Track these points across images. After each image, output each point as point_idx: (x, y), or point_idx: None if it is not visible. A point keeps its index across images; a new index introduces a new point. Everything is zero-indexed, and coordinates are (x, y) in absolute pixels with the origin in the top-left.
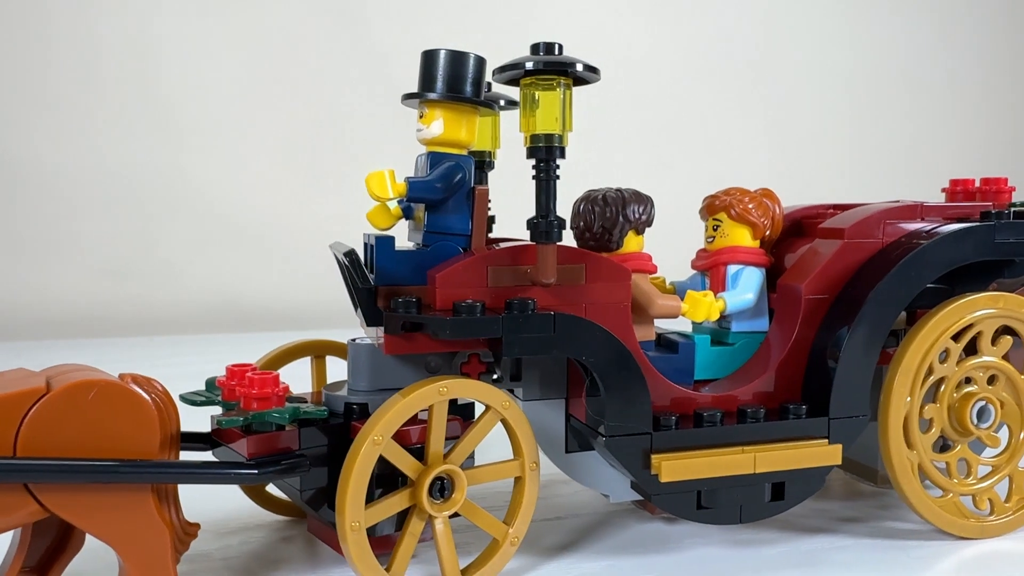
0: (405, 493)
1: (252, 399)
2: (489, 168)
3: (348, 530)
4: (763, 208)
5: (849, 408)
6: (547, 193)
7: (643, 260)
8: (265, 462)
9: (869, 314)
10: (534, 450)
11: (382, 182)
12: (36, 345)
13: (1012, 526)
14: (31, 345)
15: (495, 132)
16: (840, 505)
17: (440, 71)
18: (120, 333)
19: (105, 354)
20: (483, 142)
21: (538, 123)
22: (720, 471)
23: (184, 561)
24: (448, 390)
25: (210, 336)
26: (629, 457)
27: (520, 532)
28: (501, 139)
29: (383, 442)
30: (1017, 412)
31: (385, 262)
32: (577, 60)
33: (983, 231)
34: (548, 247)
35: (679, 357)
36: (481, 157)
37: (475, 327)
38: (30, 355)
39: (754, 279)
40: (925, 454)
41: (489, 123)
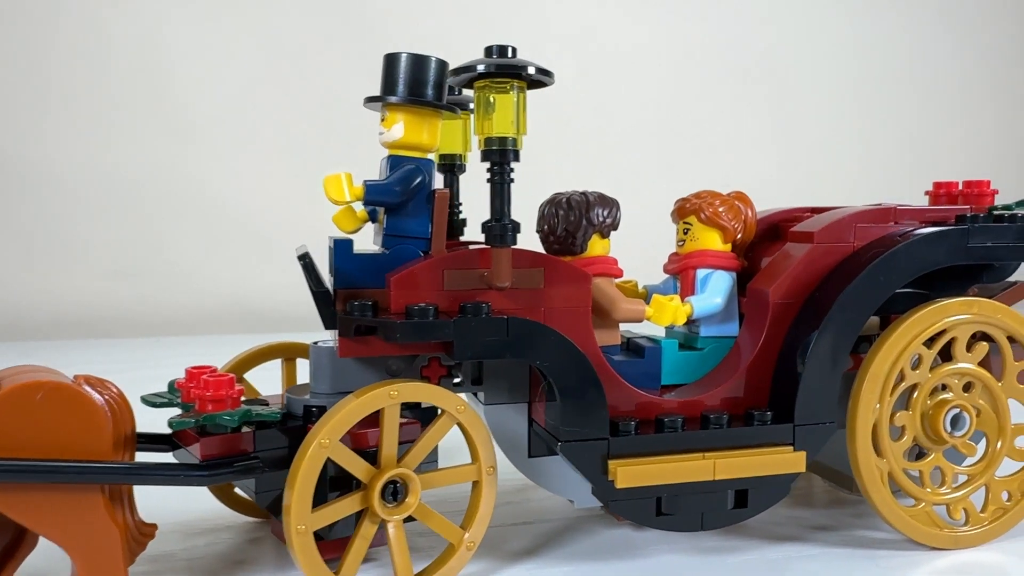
0: (356, 496)
1: (207, 401)
2: (460, 171)
3: (294, 533)
4: (734, 211)
5: (815, 415)
6: (501, 196)
7: (608, 264)
8: (215, 464)
9: (836, 319)
10: (491, 454)
11: (339, 185)
12: (45, 345)
13: (986, 537)
14: (40, 345)
15: (466, 135)
16: (814, 513)
17: (401, 74)
18: (128, 334)
19: (113, 354)
20: (454, 145)
21: (492, 126)
22: (678, 477)
23: (148, 561)
24: (399, 394)
25: (218, 337)
26: (586, 462)
27: (477, 537)
28: (472, 142)
29: (330, 445)
30: (994, 420)
31: (344, 265)
32: (530, 63)
33: (956, 235)
34: (503, 251)
35: (645, 362)
36: (451, 160)
37: (426, 330)
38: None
39: (723, 283)
40: (896, 462)
41: (460, 126)
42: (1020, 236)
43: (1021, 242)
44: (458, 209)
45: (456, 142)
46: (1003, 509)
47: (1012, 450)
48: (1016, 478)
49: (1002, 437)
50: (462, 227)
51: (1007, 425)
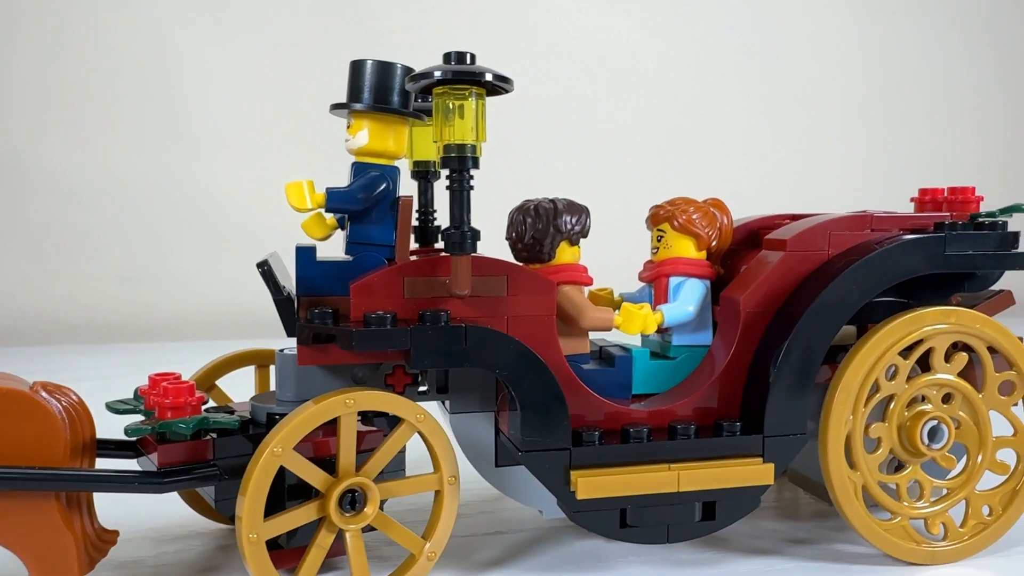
0: (313, 505)
1: (165, 408)
2: (434, 178)
3: (246, 541)
4: (709, 218)
5: (785, 426)
6: (461, 204)
7: (577, 271)
8: (173, 472)
9: (806, 329)
10: (453, 463)
11: (300, 193)
12: (52, 350)
13: (965, 553)
14: (48, 350)
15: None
16: (794, 526)
17: (367, 81)
18: (135, 339)
19: (118, 359)
20: (428, 152)
21: (451, 133)
22: (641, 489)
23: (115, 568)
24: (355, 403)
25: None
26: (548, 473)
27: (438, 547)
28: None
29: (283, 454)
30: (975, 432)
31: (306, 272)
32: (488, 70)
33: (933, 243)
34: (462, 258)
35: (616, 371)
36: (425, 167)
37: (382, 339)
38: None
39: (695, 292)
40: (871, 475)
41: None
42: (1001, 244)
43: (1001, 250)
44: (432, 216)
45: (430, 149)
46: (983, 524)
47: (994, 463)
48: (997, 492)
49: (983, 450)
50: (437, 234)
51: (988, 438)
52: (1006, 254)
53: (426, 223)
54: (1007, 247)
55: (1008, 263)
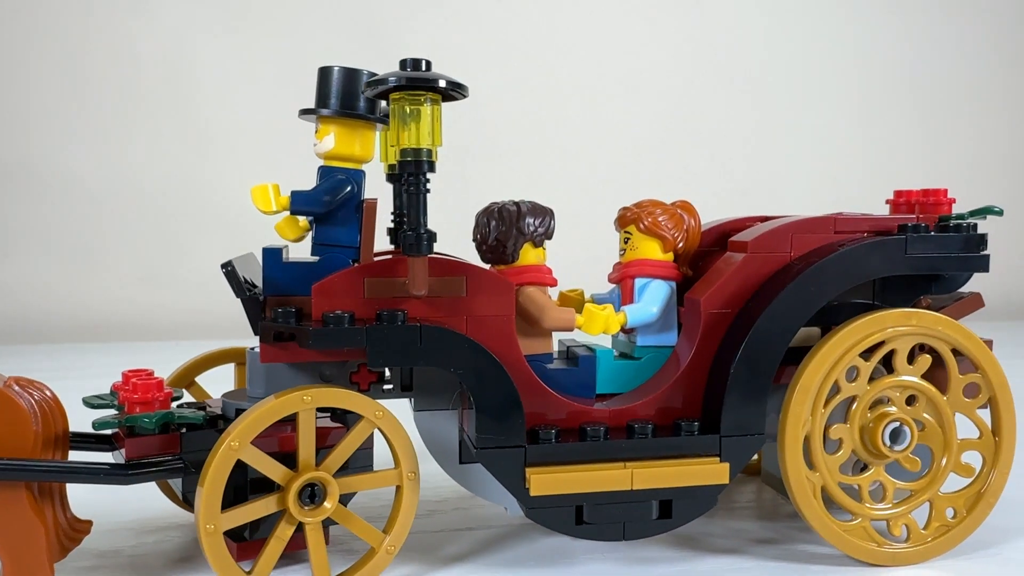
0: (272, 498)
1: (134, 403)
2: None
3: (203, 532)
4: (675, 220)
5: (741, 426)
6: (417, 206)
7: (540, 272)
8: (139, 464)
9: (763, 330)
10: (412, 460)
11: (265, 195)
12: (70, 348)
13: (927, 555)
14: (66, 347)
15: None
16: (760, 526)
17: (334, 87)
18: (148, 337)
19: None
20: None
21: (408, 137)
22: (595, 486)
23: (94, 557)
24: (312, 399)
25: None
26: (504, 470)
27: (397, 541)
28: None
29: (240, 448)
30: (940, 435)
31: (273, 273)
32: (442, 76)
33: (893, 245)
34: (418, 259)
35: (579, 371)
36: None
37: (338, 338)
38: (63, 357)
39: (660, 293)
40: (831, 476)
41: None
42: (964, 246)
43: (965, 252)
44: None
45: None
46: (947, 526)
47: (958, 466)
48: (962, 495)
49: (948, 452)
50: None
51: (953, 440)
52: (969, 256)
53: (400, 225)
54: (971, 249)
55: (971, 265)
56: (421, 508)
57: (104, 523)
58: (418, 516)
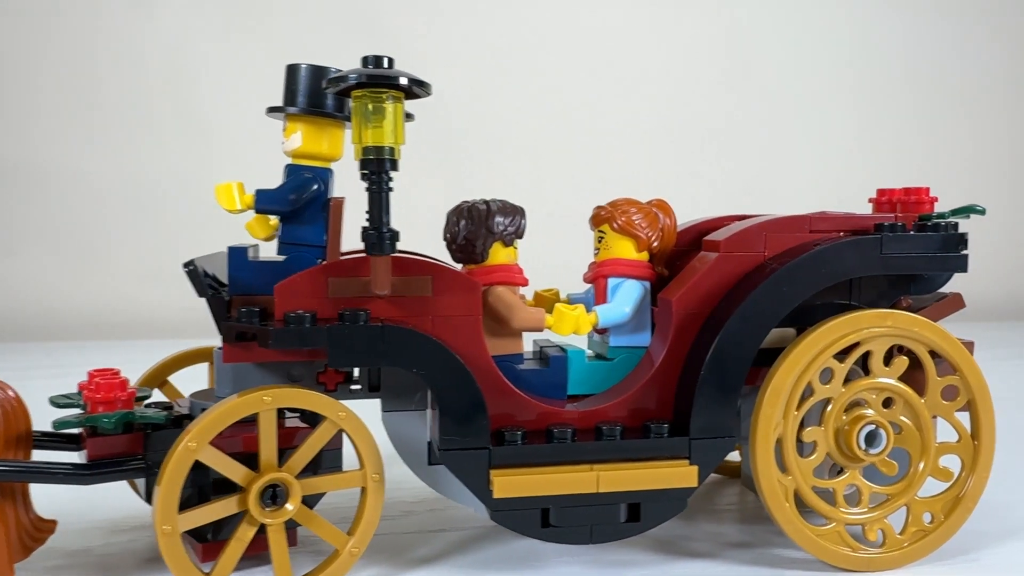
0: (232, 499)
1: (97, 403)
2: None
3: (160, 533)
4: (650, 219)
5: (712, 429)
6: (379, 205)
7: (510, 272)
8: (100, 464)
9: (734, 331)
10: (377, 461)
11: (229, 194)
12: (70, 346)
13: (903, 560)
14: (65, 345)
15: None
16: (738, 529)
17: (301, 85)
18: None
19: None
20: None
21: (370, 136)
22: (559, 489)
23: (63, 556)
24: (273, 399)
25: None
26: (468, 472)
27: (362, 543)
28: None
29: (198, 448)
30: (917, 438)
31: (238, 272)
32: (404, 74)
33: (869, 244)
34: (380, 259)
35: (550, 371)
36: None
37: (299, 337)
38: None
39: (633, 293)
40: (804, 479)
41: None
42: (942, 246)
43: (943, 252)
44: None
45: None
46: (924, 531)
47: (936, 470)
48: (940, 499)
49: (925, 456)
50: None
51: (931, 444)
52: (947, 256)
53: None
54: (950, 249)
55: (949, 265)
56: (396, 509)
57: (77, 522)
58: (392, 517)
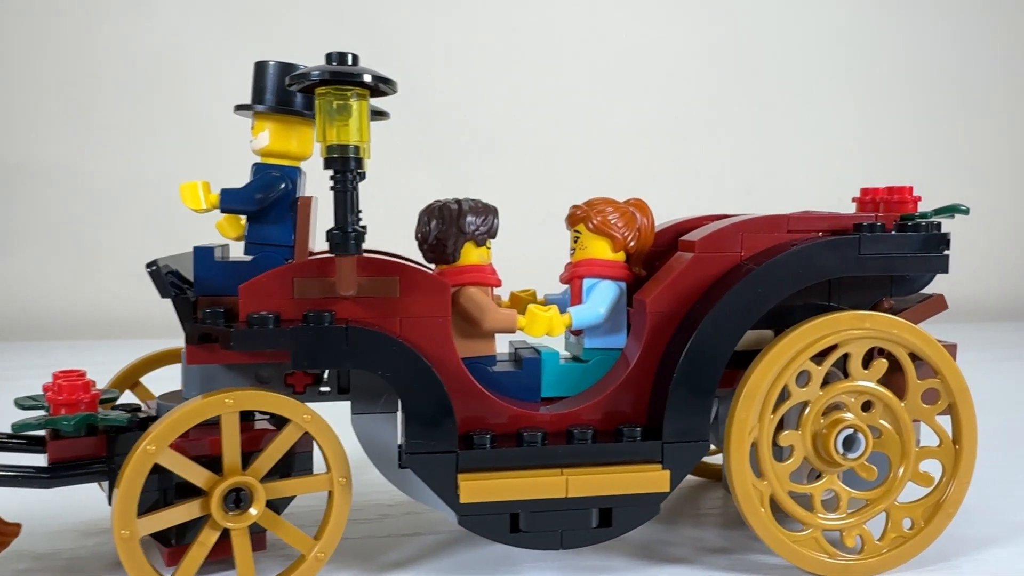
0: (195, 503)
1: (59, 405)
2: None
3: (118, 538)
4: (626, 219)
5: (685, 432)
6: (344, 205)
7: (482, 272)
8: (61, 467)
9: (708, 333)
10: (344, 464)
11: (194, 193)
12: (66, 345)
13: (882, 567)
14: (61, 345)
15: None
16: (717, 534)
17: (270, 83)
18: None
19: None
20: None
21: (334, 134)
22: (527, 494)
23: (30, 559)
24: (235, 402)
25: None
26: (435, 476)
27: (328, 548)
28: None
29: (157, 451)
30: (897, 442)
31: (204, 273)
32: (368, 71)
33: (846, 244)
34: (345, 259)
35: (523, 373)
36: None
37: (261, 339)
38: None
39: (608, 293)
40: (781, 484)
41: None
42: (923, 246)
43: (923, 252)
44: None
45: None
46: (903, 537)
47: (916, 475)
48: (920, 504)
49: (905, 461)
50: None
51: (911, 448)
52: (927, 256)
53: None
54: (930, 249)
55: (929, 265)
56: (372, 512)
57: (47, 525)
58: (367, 520)
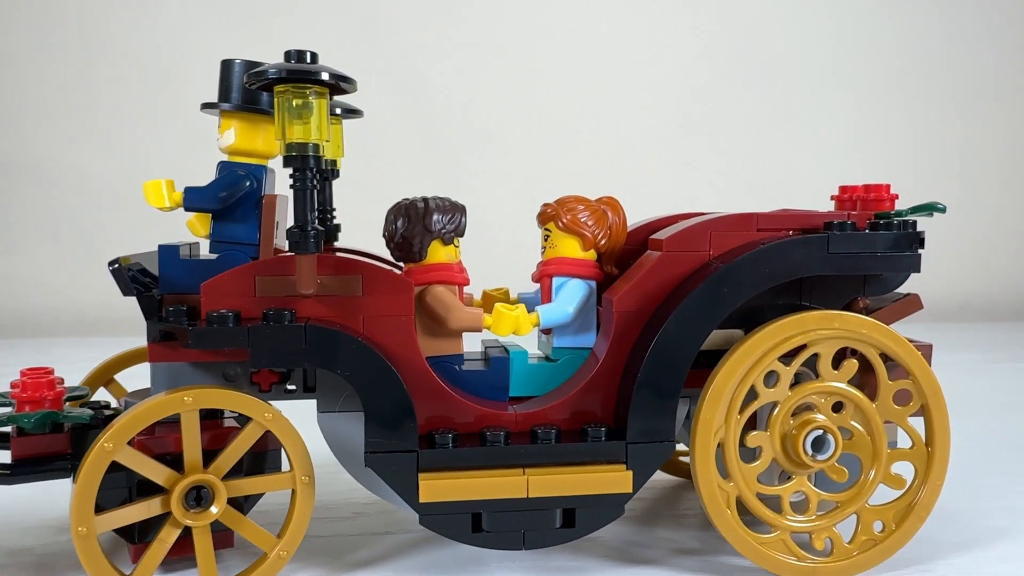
0: (155, 501)
1: (24, 402)
2: (334, 176)
3: (75, 535)
4: (597, 217)
5: (649, 433)
6: (303, 203)
7: (449, 271)
8: (23, 464)
9: (672, 332)
10: (306, 463)
11: (158, 191)
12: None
13: (851, 570)
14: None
15: (337, 141)
16: (690, 535)
17: (235, 81)
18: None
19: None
20: (327, 150)
21: (294, 132)
22: (486, 494)
23: (3, 555)
24: (194, 400)
25: None
26: (394, 475)
27: (290, 546)
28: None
29: (115, 449)
30: (868, 444)
31: (168, 271)
32: (325, 69)
33: (815, 243)
34: (305, 257)
35: (490, 372)
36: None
37: (219, 337)
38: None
39: (576, 292)
40: (748, 485)
41: (332, 132)
42: (894, 245)
43: (895, 251)
44: (331, 215)
45: (328, 147)
46: (874, 540)
47: (888, 476)
48: (891, 507)
49: (876, 463)
50: (336, 233)
51: (882, 449)
52: (899, 255)
53: (324, 222)
54: (902, 248)
55: (901, 264)
56: (347, 510)
57: (22, 521)
58: (340, 519)
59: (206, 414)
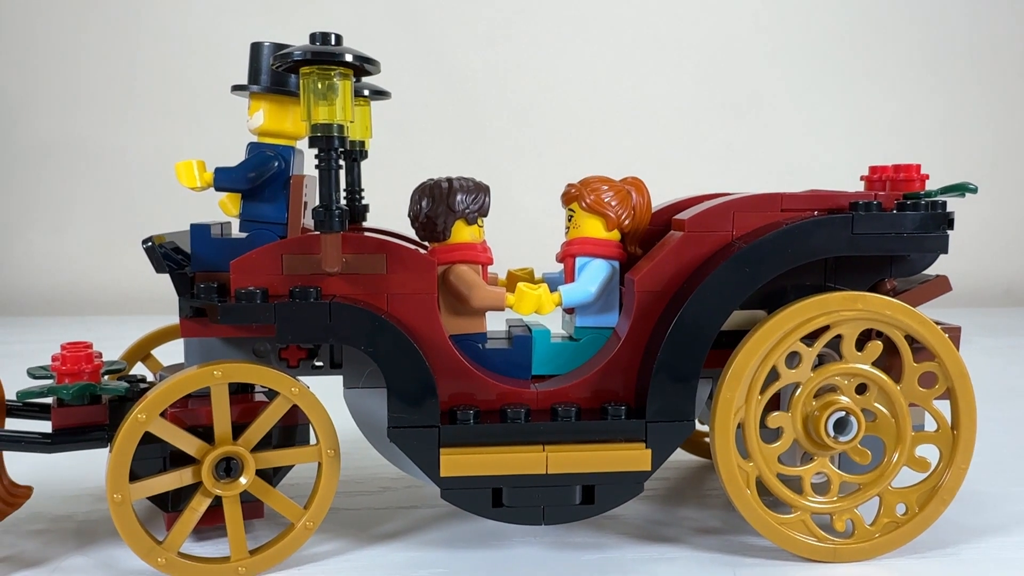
0: (187, 471)
1: (63, 374)
2: (362, 158)
3: (111, 502)
4: (620, 197)
5: (668, 412)
6: (328, 183)
7: (472, 250)
8: (63, 433)
9: (693, 312)
10: (332, 437)
11: (190, 172)
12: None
13: (872, 552)
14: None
15: (365, 122)
16: (710, 514)
17: (264, 63)
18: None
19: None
20: (355, 131)
21: (319, 113)
22: (507, 469)
23: (46, 520)
24: (223, 374)
25: None
26: (418, 450)
27: (316, 517)
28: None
29: (148, 420)
30: (892, 426)
31: (200, 249)
32: (350, 51)
33: (839, 223)
34: (330, 236)
35: (513, 351)
36: (353, 146)
37: (247, 313)
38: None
39: (599, 272)
40: (768, 465)
41: (361, 113)
42: (920, 225)
43: (921, 232)
44: (360, 195)
45: (356, 129)
46: (896, 523)
47: (912, 459)
48: (915, 490)
49: (901, 445)
50: (364, 213)
51: (907, 432)
52: (924, 236)
53: (353, 202)
54: (928, 229)
55: (927, 245)
56: (375, 484)
57: (64, 489)
58: (369, 492)
59: (237, 388)
